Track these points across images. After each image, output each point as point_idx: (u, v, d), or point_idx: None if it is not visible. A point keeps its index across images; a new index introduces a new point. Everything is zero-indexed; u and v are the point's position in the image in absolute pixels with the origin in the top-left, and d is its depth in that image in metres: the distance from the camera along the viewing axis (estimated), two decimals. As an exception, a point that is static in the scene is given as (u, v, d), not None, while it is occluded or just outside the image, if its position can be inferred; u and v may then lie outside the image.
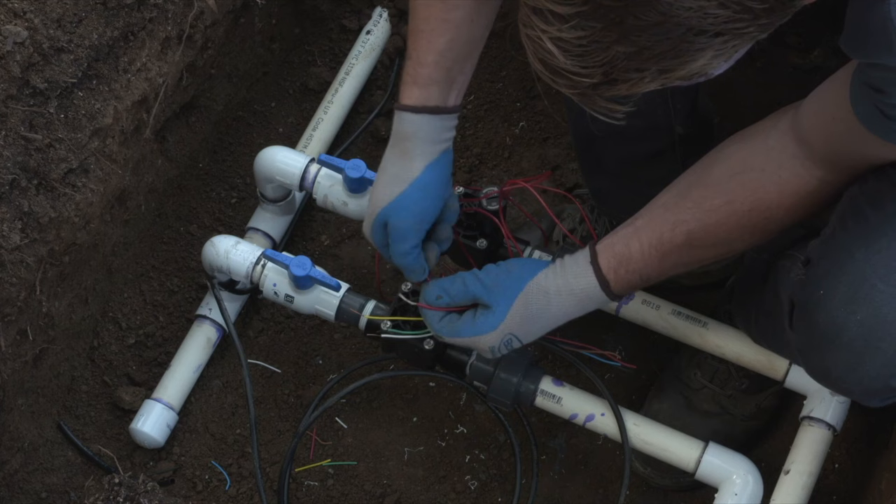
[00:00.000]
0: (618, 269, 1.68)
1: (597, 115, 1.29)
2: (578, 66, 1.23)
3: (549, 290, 1.70)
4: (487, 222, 1.91)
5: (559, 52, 1.22)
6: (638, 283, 1.70)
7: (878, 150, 1.49)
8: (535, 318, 1.72)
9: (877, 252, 1.50)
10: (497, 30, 2.35)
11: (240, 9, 2.18)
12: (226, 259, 2.02)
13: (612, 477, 2.08)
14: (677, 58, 1.21)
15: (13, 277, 1.78)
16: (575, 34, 1.20)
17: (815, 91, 1.57)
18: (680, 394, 2.05)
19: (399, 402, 2.13)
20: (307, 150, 2.21)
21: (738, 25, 1.19)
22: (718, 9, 1.17)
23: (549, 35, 1.21)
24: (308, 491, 2.06)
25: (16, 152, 1.76)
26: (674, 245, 1.65)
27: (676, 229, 1.65)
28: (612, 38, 1.19)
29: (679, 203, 1.66)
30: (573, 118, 1.93)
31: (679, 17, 1.17)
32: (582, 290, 1.70)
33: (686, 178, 1.68)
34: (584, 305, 1.72)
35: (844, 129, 1.48)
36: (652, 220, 1.68)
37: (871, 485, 1.95)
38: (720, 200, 1.63)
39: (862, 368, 1.54)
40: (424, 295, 1.78)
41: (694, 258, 1.68)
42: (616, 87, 1.25)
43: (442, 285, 1.76)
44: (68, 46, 1.81)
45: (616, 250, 1.68)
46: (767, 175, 1.60)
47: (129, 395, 2.08)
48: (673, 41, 1.19)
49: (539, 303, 1.71)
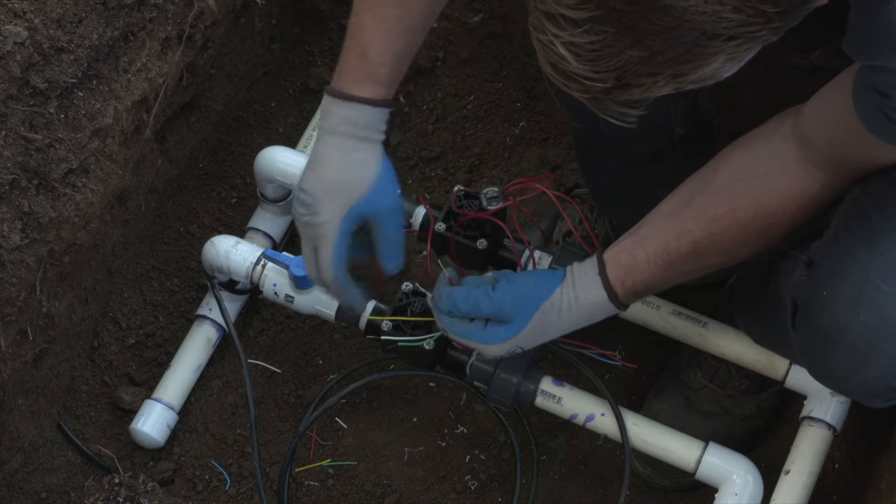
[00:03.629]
0: (625, 279, 1.68)
1: (609, 118, 1.29)
2: (591, 71, 1.22)
3: (563, 306, 1.70)
4: (487, 222, 1.91)
5: (572, 57, 1.21)
6: (644, 293, 1.70)
7: (882, 153, 1.49)
8: (545, 332, 1.73)
9: (880, 253, 1.50)
10: (497, 30, 2.37)
11: (240, 9, 2.18)
12: (226, 259, 2.02)
13: (612, 477, 2.08)
14: (690, 62, 1.21)
15: (13, 277, 1.78)
16: (588, 39, 1.19)
17: (816, 95, 1.57)
18: (680, 394, 2.05)
19: (399, 402, 2.13)
20: (307, 150, 2.21)
21: (752, 29, 1.19)
22: (732, 13, 1.16)
23: (561, 40, 1.21)
24: (308, 491, 2.06)
25: (16, 152, 1.76)
26: (679, 254, 1.65)
27: (682, 238, 1.65)
28: (625, 43, 1.19)
29: (683, 212, 1.66)
30: (573, 119, 1.93)
31: (693, 22, 1.16)
32: (591, 303, 1.70)
33: (689, 185, 1.68)
34: (591, 317, 1.72)
35: (847, 132, 1.48)
36: (656, 230, 1.67)
37: (871, 485, 1.95)
38: (724, 209, 1.63)
39: (865, 369, 1.55)
40: (437, 301, 1.75)
41: (700, 266, 1.67)
42: (629, 91, 1.25)
43: (454, 303, 1.72)
44: (68, 46, 1.81)
45: (622, 261, 1.68)
46: (770, 181, 1.60)
47: (129, 395, 2.08)
48: (686, 45, 1.19)
49: (551, 318, 1.71)
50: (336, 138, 1.72)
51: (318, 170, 1.73)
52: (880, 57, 1.32)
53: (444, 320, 1.76)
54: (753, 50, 1.23)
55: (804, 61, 2.16)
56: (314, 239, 1.75)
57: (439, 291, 1.75)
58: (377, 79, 1.70)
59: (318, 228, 1.73)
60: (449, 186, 2.26)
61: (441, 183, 2.29)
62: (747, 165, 1.62)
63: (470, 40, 2.37)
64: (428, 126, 2.33)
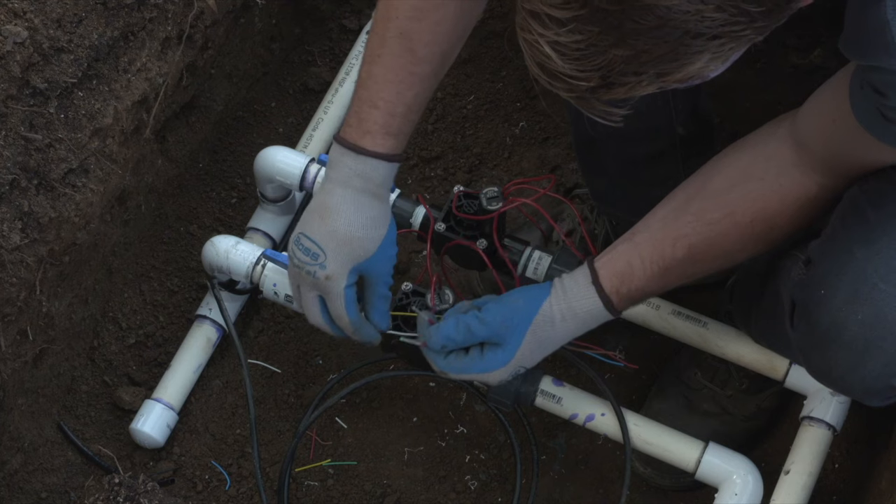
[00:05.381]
0: (620, 288, 1.68)
1: (595, 118, 1.29)
2: (576, 70, 1.23)
3: (555, 317, 1.70)
4: (487, 222, 1.91)
5: (557, 56, 1.22)
6: (640, 299, 1.70)
7: (878, 153, 1.48)
8: (543, 346, 1.72)
9: (877, 252, 1.50)
10: (497, 30, 2.37)
11: (240, 9, 2.18)
12: (226, 259, 2.02)
13: (611, 477, 2.08)
14: (675, 61, 1.21)
15: (13, 277, 1.78)
16: (573, 38, 1.19)
17: (812, 96, 1.56)
18: (680, 394, 2.05)
19: (399, 402, 2.13)
20: (307, 150, 2.21)
21: (735, 28, 1.19)
22: (716, 12, 1.17)
23: (546, 39, 1.21)
24: (308, 491, 2.06)
25: (16, 152, 1.76)
26: (675, 260, 1.65)
27: (678, 244, 1.64)
28: (609, 42, 1.19)
29: (679, 217, 1.65)
30: (573, 119, 1.93)
31: (677, 21, 1.17)
32: (587, 312, 1.69)
33: (684, 189, 1.67)
34: (587, 325, 1.72)
35: (844, 132, 1.48)
36: (652, 236, 1.67)
37: (871, 485, 1.95)
38: (721, 213, 1.63)
39: (863, 368, 1.55)
40: (429, 342, 1.74)
41: (696, 271, 1.67)
42: (614, 90, 1.25)
43: (446, 335, 1.71)
44: (68, 46, 1.81)
45: (617, 268, 1.68)
46: (767, 184, 1.60)
47: (129, 395, 2.08)
48: (670, 44, 1.19)
49: (546, 332, 1.71)
50: (349, 192, 1.71)
51: (329, 221, 1.71)
52: (874, 57, 1.32)
53: (440, 362, 1.75)
54: (739, 49, 1.24)
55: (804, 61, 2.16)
56: (318, 288, 1.75)
57: (426, 333, 1.74)
58: (389, 131, 1.69)
59: (326, 282, 1.73)
60: (449, 186, 2.26)
61: (441, 183, 2.29)
62: (744, 169, 1.62)
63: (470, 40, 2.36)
64: (428, 126, 2.33)
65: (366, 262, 1.73)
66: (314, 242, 1.72)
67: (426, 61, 1.67)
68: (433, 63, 1.68)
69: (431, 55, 1.67)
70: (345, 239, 1.71)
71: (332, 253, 1.71)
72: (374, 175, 1.70)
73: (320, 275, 1.72)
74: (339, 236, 1.71)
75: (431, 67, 1.68)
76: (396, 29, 1.66)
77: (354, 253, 1.72)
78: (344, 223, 1.71)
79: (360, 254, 1.72)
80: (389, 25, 1.66)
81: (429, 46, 1.67)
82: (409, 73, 1.67)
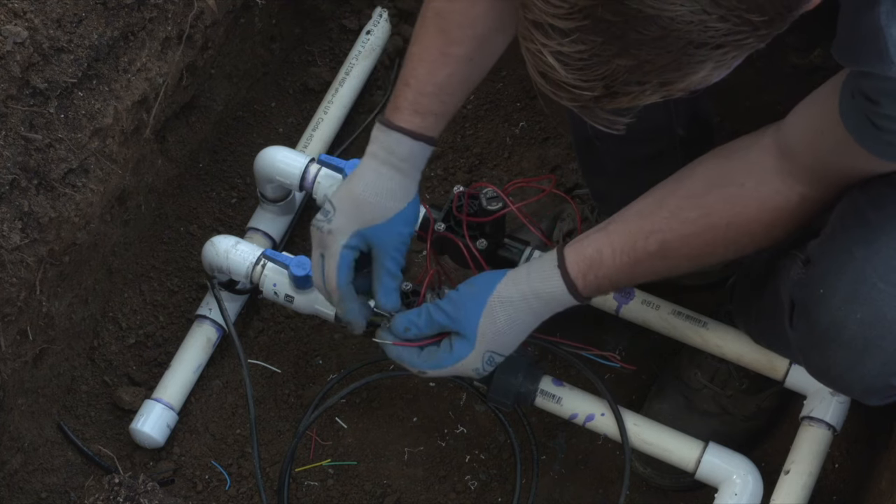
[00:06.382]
0: (587, 273, 1.68)
1: (598, 126, 1.30)
2: (579, 80, 1.23)
3: (514, 298, 1.70)
4: (487, 222, 1.91)
5: (560, 66, 1.22)
6: (608, 288, 1.71)
7: (865, 163, 1.48)
8: (507, 329, 1.72)
9: (877, 251, 1.50)
10: (497, 30, 2.37)
11: (240, 9, 2.18)
12: (226, 259, 2.02)
13: (612, 477, 2.08)
14: (678, 70, 1.21)
15: (13, 277, 1.78)
16: (576, 48, 1.19)
17: (797, 107, 1.57)
18: (680, 394, 2.05)
19: (399, 402, 2.13)
20: (307, 150, 2.22)
21: (738, 37, 1.19)
22: (719, 22, 1.17)
23: (549, 49, 1.21)
24: (308, 491, 2.06)
25: (16, 152, 1.76)
26: (647, 253, 1.65)
27: (650, 238, 1.65)
28: (612, 52, 1.19)
29: (655, 212, 1.66)
30: (573, 119, 1.93)
31: (680, 31, 1.17)
32: (549, 294, 1.69)
33: (664, 186, 1.68)
34: (552, 308, 1.72)
35: (832, 141, 1.48)
36: (626, 226, 1.67)
37: (871, 485, 1.95)
38: (697, 213, 1.63)
39: (862, 367, 1.55)
40: (393, 329, 1.76)
41: (666, 268, 1.68)
42: (617, 99, 1.25)
43: (409, 318, 1.75)
44: (68, 46, 1.82)
45: (586, 254, 1.68)
46: (747, 190, 1.60)
47: (129, 395, 2.08)
48: (673, 54, 1.19)
49: (506, 314, 1.71)
50: (375, 162, 1.74)
51: (349, 185, 1.76)
52: (867, 63, 1.32)
53: (414, 361, 1.76)
54: (741, 57, 1.24)
55: (803, 61, 2.16)
56: (322, 245, 1.77)
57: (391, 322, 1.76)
58: (417, 109, 1.71)
59: (329, 236, 1.75)
60: (449, 186, 2.26)
61: (441, 183, 2.29)
62: (725, 173, 1.63)
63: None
64: (428, 126, 2.33)
65: (372, 228, 1.74)
66: (331, 202, 1.76)
67: (459, 43, 1.69)
68: (466, 46, 1.70)
69: (465, 37, 1.69)
70: (357, 201, 1.74)
71: (340, 211, 1.75)
72: (399, 149, 1.72)
73: (325, 228, 1.75)
74: (352, 197, 1.74)
75: (465, 50, 1.70)
76: (433, 9, 1.69)
77: (363, 216, 1.74)
78: (360, 187, 1.74)
79: (367, 218, 1.74)
80: (429, 6, 1.70)
81: (462, 28, 1.69)
82: (441, 52, 1.69)
